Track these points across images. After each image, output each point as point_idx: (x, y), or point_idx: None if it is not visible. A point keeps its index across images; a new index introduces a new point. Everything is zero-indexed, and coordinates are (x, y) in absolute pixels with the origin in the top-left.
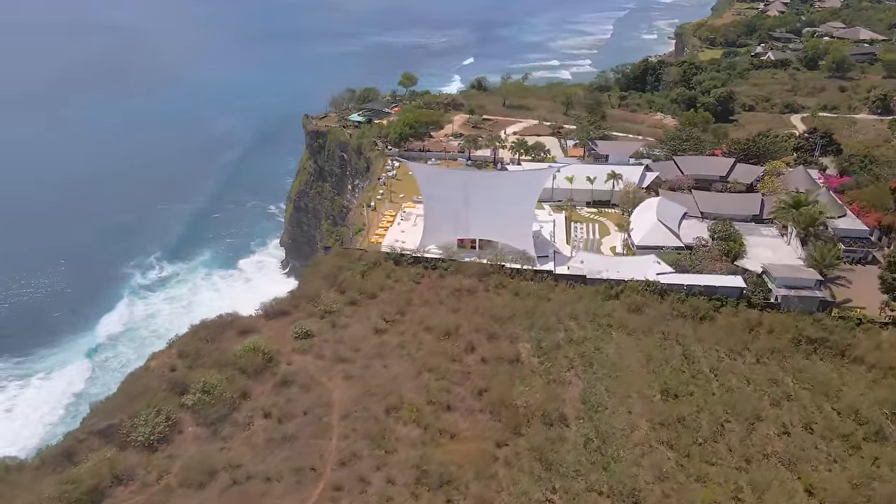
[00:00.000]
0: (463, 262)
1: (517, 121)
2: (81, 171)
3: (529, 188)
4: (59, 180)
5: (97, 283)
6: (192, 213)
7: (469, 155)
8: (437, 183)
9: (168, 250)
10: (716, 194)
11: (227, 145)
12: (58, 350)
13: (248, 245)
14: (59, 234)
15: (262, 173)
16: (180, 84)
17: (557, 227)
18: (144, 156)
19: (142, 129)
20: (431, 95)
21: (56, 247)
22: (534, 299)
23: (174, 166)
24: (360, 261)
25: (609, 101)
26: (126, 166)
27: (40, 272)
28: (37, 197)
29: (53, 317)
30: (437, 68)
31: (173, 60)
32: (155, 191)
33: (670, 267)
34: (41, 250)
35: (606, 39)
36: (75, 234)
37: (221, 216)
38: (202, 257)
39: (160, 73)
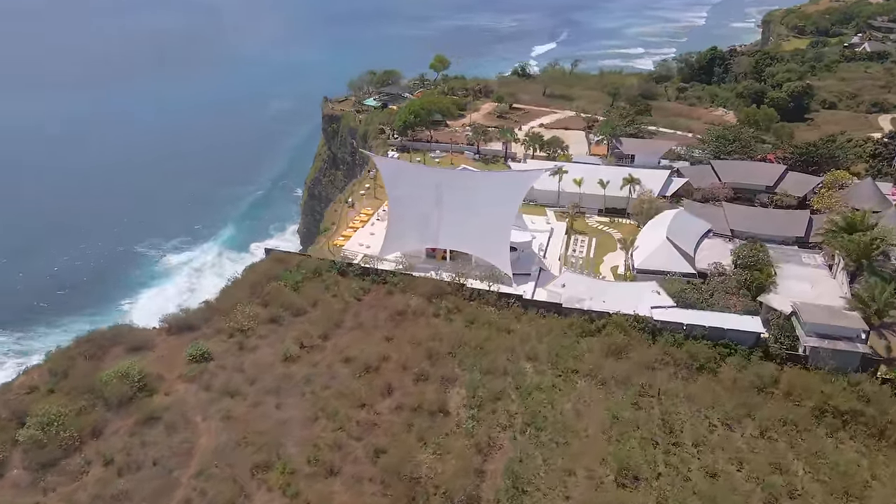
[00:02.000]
0: (415, 277)
1: (552, 112)
2: (139, 150)
3: (510, 194)
4: (122, 160)
5: (115, 263)
6: (236, 194)
7: (478, 148)
8: (404, 181)
9: (196, 229)
10: (753, 209)
11: (280, 126)
12: (58, 331)
13: (266, 229)
14: (104, 211)
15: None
16: (245, 65)
17: (555, 238)
18: (200, 137)
19: (202, 110)
20: (462, 80)
21: (95, 224)
22: (489, 330)
23: (228, 147)
24: (298, 268)
25: (666, 92)
26: (186, 146)
27: (65, 249)
28: (99, 175)
29: (63, 294)
30: (504, 53)
31: (243, 41)
32: (206, 172)
33: (671, 299)
34: (75, 228)
35: (695, 27)
36: (112, 212)
37: (261, 196)
38: (221, 237)
39: (227, 53)
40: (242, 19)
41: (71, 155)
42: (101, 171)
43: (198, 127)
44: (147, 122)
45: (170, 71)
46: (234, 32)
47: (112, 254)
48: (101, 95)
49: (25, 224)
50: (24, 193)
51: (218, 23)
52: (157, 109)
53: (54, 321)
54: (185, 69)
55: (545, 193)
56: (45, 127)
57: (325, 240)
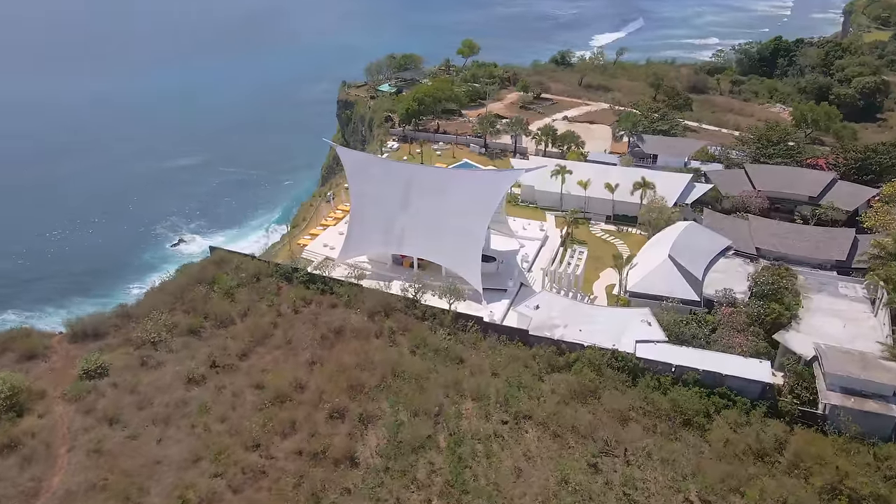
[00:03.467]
0: (365, 288)
1: (583, 103)
2: (188, 129)
3: (485, 197)
4: (173, 137)
5: (134, 243)
6: (274, 179)
7: (486, 141)
8: (369, 176)
9: (218, 213)
10: (785, 224)
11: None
12: (63, 312)
13: (288, 217)
14: (138, 188)
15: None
16: (302, 48)
17: (548, 247)
18: (250, 117)
19: (249, 91)
20: (490, 67)
21: (125, 201)
22: (436, 359)
23: (276, 130)
24: (237, 270)
25: (718, 85)
26: (231, 126)
27: (93, 227)
28: (147, 153)
29: (78, 274)
30: (559, 42)
31: (322, 21)
32: (247, 155)
33: (663, 332)
34: (108, 205)
35: (775, 16)
36: (145, 190)
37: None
38: (245, 224)
39: (288, 36)
40: (312, 6)
41: (132, 128)
42: (149, 148)
43: (252, 106)
44: (207, 101)
45: (252, 51)
46: (316, 12)
47: (133, 234)
48: (175, 73)
49: (68, 199)
50: (75, 170)
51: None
52: (222, 88)
53: (64, 301)
54: (264, 49)
55: (547, 195)
56: (120, 101)
57: (291, 237)
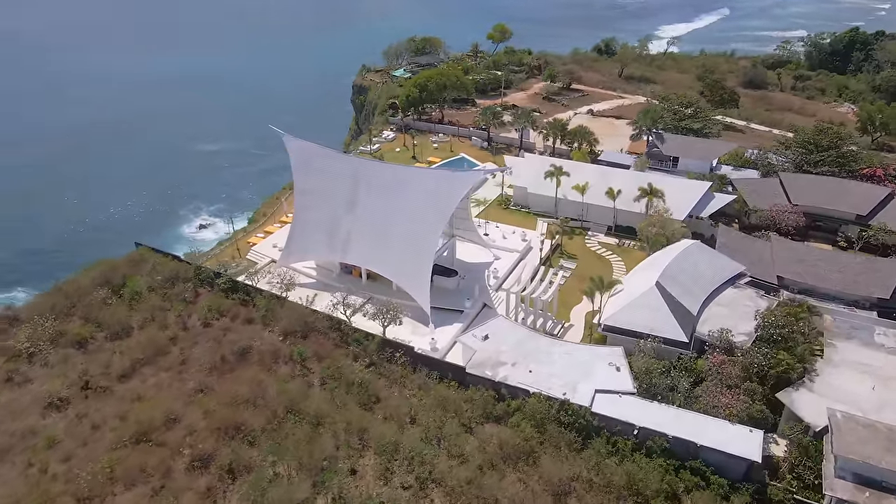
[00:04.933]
0: (287, 302)
1: (618, 96)
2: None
3: (441, 201)
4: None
5: (153, 222)
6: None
7: (489, 135)
8: (315, 169)
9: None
10: (819, 250)
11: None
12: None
13: None
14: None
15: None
16: (365, 29)
17: (529, 261)
18: (292, 101)
19: (305, 75)
20: (520, 54)
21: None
22: (348, 397)
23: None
24: (153, 272)
25: (779, 80)
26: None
27: (117, 201)
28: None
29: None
30: (628, 33)
31: (376, 5)
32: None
33: (633, 380)
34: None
35: (871, 9)
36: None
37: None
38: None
39: (353, 16)
40: None
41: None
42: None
43: (304, 90)
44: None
45: (318, 32)
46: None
47: (153, 212)
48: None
49: (108, 172)
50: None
51: None
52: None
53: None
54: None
55: (541, 199)
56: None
57: (245, 234)
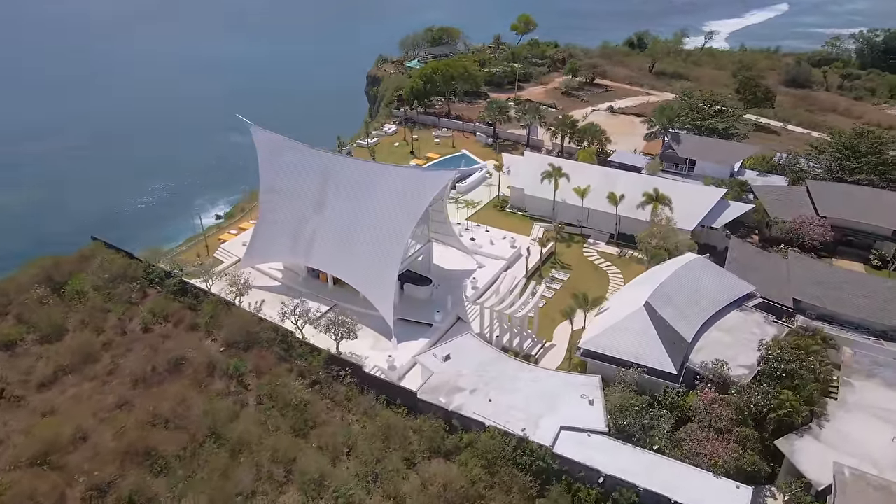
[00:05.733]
0: (235, 309)
1: (644, 93)
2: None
3: (408, 202)
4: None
5: (169, 209)
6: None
7: (495, 130)
8: (283, 164)
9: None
10: (843, 271)
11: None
12: None
13: None
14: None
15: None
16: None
17: (516, 270)
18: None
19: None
20: (545, 47)
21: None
22: (283, 420)
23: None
24: (100, 269)
25: (824, 79)
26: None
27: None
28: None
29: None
30: (670, 27)
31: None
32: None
33: (606, 416)
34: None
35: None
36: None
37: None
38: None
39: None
40: None
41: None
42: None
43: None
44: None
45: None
46: None
47: (169, 202)
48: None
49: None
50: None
51: None
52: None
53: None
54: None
55: (538, 202)
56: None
57: (219, 229)
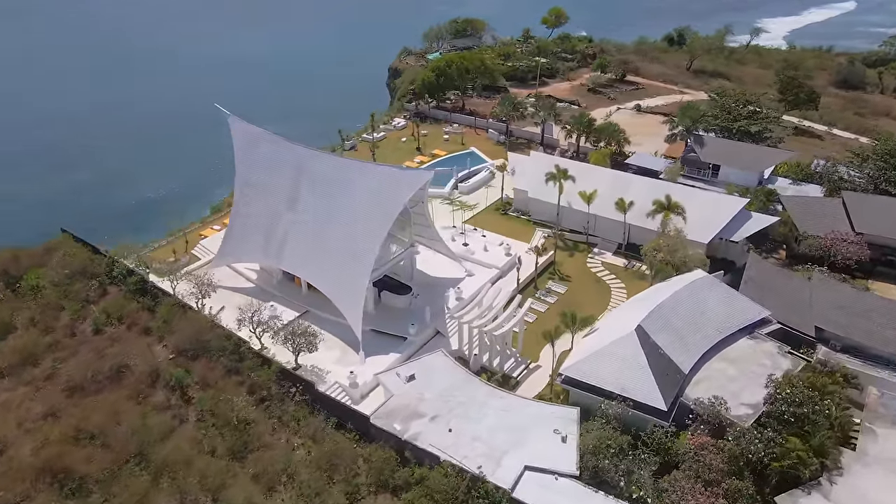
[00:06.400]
0: (190, 312)
1: (678, 91)
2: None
3: (382, 203)
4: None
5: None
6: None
7: (508, 127)
8: (259, 156)
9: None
10: (874, 296)
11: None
12: None
13: None
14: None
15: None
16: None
17: (510, 280)
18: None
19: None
20: (575, 41)
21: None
22: (222, 441)
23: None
24: (60, 264)
25: (879, 80)
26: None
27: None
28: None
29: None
30: (717, 24)
31: None
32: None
33: (577, 457)
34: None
35: None
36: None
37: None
38: None
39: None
40: None
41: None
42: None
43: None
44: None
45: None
46: None
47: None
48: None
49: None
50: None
51: None
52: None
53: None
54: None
55: (542, 206)
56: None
57: (203, 225)
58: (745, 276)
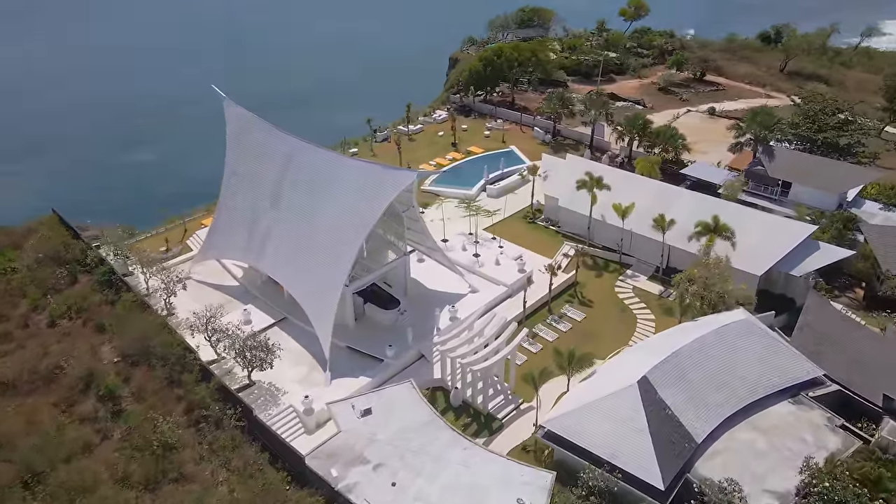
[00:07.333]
0: (149, 311)
1: (765, 95)
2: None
3: (363, 205)
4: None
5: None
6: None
7: (555, 126)
8: (250, 144)
9: None
10: None
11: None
12: None
13: None
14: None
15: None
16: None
17: (516, 302)
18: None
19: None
20: (652, 35)
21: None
22: (138, 468)
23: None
24: (35, 248)
25: None
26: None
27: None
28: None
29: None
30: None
31: None
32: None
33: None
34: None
35: None
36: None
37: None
38: None
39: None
40: None
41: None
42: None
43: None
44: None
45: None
46: None
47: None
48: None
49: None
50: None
51: None
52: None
53: None
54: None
55: (573, 217)
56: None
57: (208, 213)
58: (801, 320)
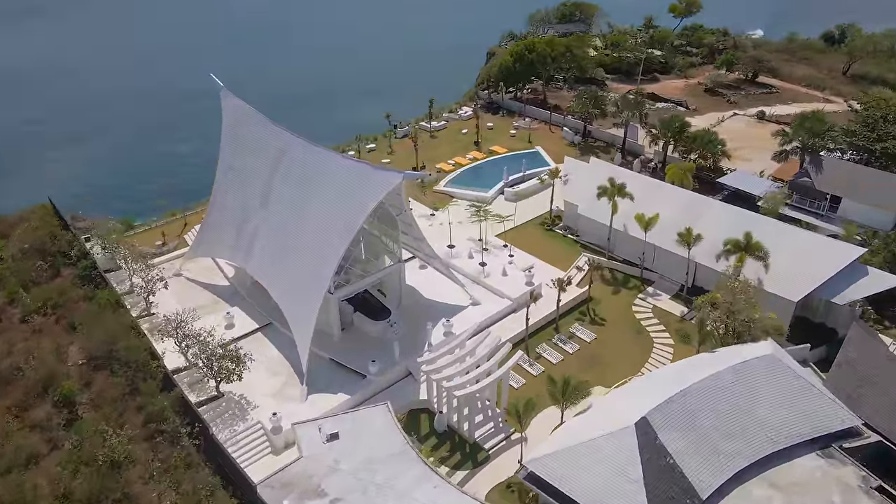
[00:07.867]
0: (124, 311)
1: (823, 99)
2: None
3: (348, 206)
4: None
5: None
6: None
7: (586, 127)
8: (244, 138)
9: None
10: None
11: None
12: None
13: None
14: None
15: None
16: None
17: (518, 318)
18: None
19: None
20: (701, 33)
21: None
22: (79, 481)
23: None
24: (20, 238)
25: None
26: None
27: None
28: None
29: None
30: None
31: None
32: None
33: None
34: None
35: None
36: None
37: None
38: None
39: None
40: None
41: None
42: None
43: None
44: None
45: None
46: None
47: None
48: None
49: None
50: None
51: None
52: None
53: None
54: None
55: (593, 226)
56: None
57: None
58: (840, 355)
